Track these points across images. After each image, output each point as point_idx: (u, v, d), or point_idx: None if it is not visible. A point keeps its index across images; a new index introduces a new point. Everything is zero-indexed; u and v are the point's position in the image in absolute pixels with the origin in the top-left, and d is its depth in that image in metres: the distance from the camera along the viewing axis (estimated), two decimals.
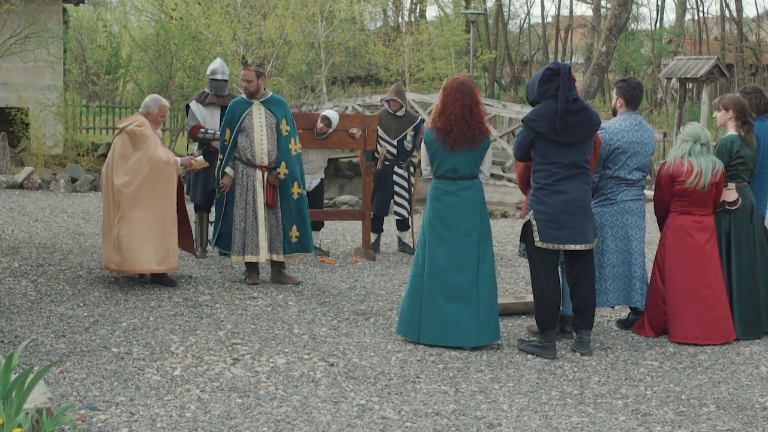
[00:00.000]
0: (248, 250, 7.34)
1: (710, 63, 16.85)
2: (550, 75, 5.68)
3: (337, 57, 30.76)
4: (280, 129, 7.42)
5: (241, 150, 7.36)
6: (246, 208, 7.34)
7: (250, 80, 7.35)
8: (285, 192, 7.43)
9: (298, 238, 7.47)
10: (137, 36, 22.38)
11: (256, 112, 7.39)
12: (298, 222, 7.47)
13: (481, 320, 5.81)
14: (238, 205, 7.34)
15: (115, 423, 4.32)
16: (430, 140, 5.86)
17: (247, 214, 7.34)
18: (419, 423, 4.50)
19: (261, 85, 7.41)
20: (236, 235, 7.34)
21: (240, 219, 7.34)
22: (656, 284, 6.28)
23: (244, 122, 7.36)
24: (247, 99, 7.42)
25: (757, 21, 38.39)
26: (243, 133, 7.36)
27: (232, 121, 7.38)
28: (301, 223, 7.49)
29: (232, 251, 7.39)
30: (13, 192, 13.11)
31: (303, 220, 7.50)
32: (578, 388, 5.15)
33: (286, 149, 7.44)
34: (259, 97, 7.41)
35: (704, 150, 6.13)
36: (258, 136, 7.36)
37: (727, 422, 4.67)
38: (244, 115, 7.36)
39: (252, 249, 7.33)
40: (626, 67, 34.74)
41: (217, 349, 5.62)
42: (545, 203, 5.67)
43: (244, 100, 7.45)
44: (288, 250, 7.47)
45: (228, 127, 7.40)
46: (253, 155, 7.34)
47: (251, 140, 7.37)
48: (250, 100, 7.41)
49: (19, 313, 6.23)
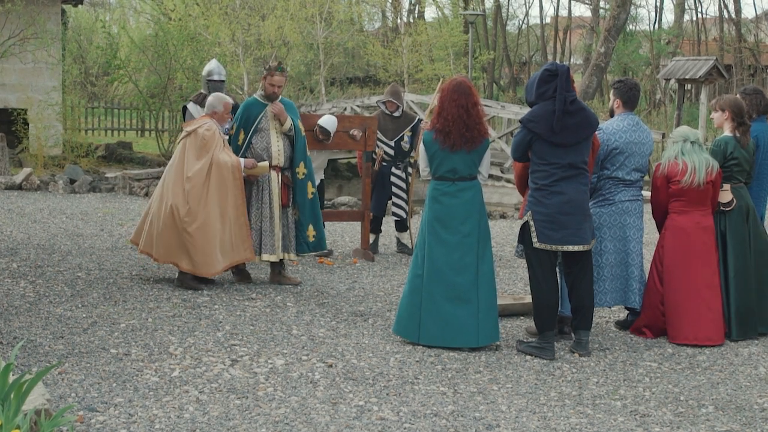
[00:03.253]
0: (265, 249, 7.42)
1: (709, 64, 16.86)
2: (548, 76, 5.68)
3: (335, 58, 30.76)
4: (298, 129, 7.52)
5: (257, 151, 7.41)
6: (262, 207, 7.42)
7: (281, 86, 7.47)
8: (303, 192, 7.53)
9: (315, 237, 7.60)
10: (136, 37, 22.40)
11: (271, 114, 7.45)
12: (313, 221, 7.60)
13: (481, 321, 5.81)
14: (254, 205, 7.42)
15: (114, 424, 4.32)
16: (429, 141, 5.87)
17: (263, 213, 7.42)
18: (418, 424, 4.50)
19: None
20: (252, 234, 7.38)
21: (256, 219, 7.42)
22: (654, 285, 6.28)
23: (260, 124, 7.41)
24: (263, 101, 7.47)
25: (755, 22, 38.45)
26: (259, 135, 7.42)
27: (248, 123, 7.42)
28: (316, 222, 7.62)
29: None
30: (11, 193, 13.10)
31: (317, 219, 7.64)
32: (577, 389, 5.15)
33: (305, 149, 7.57)
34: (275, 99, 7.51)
35: (695, 147, 6.17)
36: (274, 137, 7.44)
37: (725, 423, 4.68)
38: (260, 117, 7.41)
39: (269, 248, 7.42)
40: (625, 68, 34.77)
41: (216, 350, 5.62)
42: (543, 204, 5.67)
43: (259, 101, 7.48)
44: (305, 249, 7.61)
45: (243, 128, 7.43)
46: (270, 156, 7.41)
47: (268, 141, 7.43)
48: (266, 102, 7.45)
49: (18, 315, 6.23)
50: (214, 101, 7.36)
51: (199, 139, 7.13)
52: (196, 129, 7.19)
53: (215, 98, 7.40)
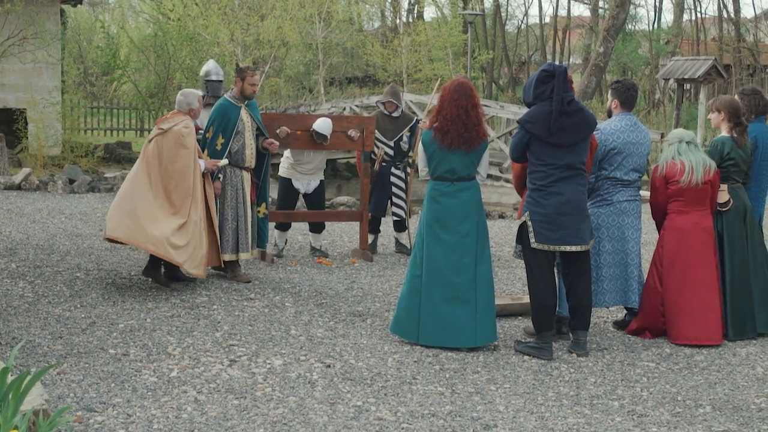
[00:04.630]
0: (242, 248, 7.57)
1: (708, 64, 16.86)
2: (545, 77, 5.69)
3: (334, 58, 30.78)
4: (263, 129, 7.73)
5: (234, 154, 7.46)
6: (238, 207, 7.53)
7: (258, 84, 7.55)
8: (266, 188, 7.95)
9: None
10: (135, 37, 22.39)
11: (244, 115, 7.53)
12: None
13: (479, 321, 5.82)
14: (231, 205, 7.50)
15: (112, 424, 4.33)
16: (428, 140, 5.88)
17: (239, 213, 7.54)
18: (415, 424, 4.51)
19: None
20: (229, 234, 7.48)
21: (233, 218, 7.51)
22: (654, 285, 6.29)
23: (239, 126, 7.48)
24: (236, 103, 7.50)
25: (754, 21, 38.47)
26: (236, 138, 7.48)
27: (228, 126, 7.44)
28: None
29: (224, 250, 7.47)
30: (10, 193, 13.09)
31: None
32: (574, 389, 5.16)
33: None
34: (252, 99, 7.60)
35: (692, 147, 6.20)
36: (249, 140, 7.54)
37: (722, 423, 4.69)
38: (237, 120, 7.47)
39: (245, 247, 7.58)
40: (624, 68, 34.78)
41: (214, 350, 5.63)
42: (541, 204, 5.68)
43: (233, 103, 7.51)
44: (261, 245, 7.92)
45: (222, 131, 7.44)
46: (244, 159, 7.52)
47: (243, 144, 7.52)
48: (239, 104, 7.49)
49: (17, 315, 6.23)
50: (190, 99, 7.26)
51: (178, 137, 7.08)
52: (172, 127, 7.11)
53: (190, 95, 7.30)
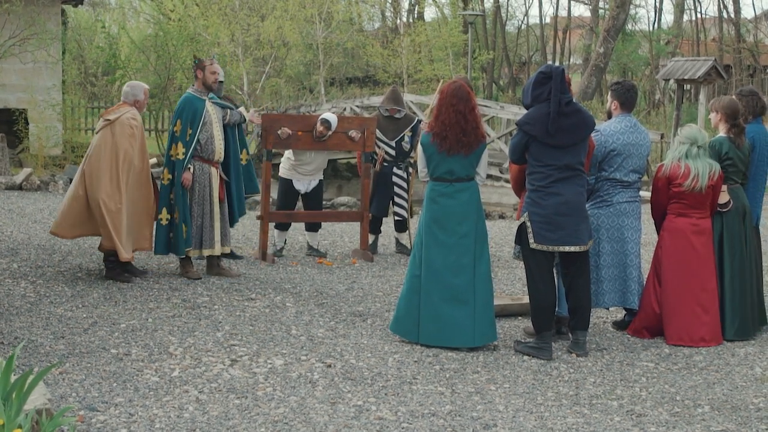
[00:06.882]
0: (206, 244, 7.61)
1: (708, 64, 16.87)
2: (543, 78, 5.71)
3: (335, 58, 30.74)
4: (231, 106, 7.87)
5: (203, 145, 7.49)
6: (203, 204, 7.55)
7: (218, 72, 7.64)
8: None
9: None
10: (136, 37, 22.38)
11: (210, 107, 7.57)
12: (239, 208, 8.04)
13: (478, 321, 5.85)
14: (197, 201, 7.54)
15: (114, 424, 4.35)
16: (427, 143, 5.91)
17: (204, 210, 7.56)
18: (416, 424, 4.54)
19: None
20: (194, 230, 7.54)
21: (198, 215, 7.55)
22: (653, 286, 6.31)
23: (206, 118, 7.50)
24: (200, 96, 7.55)
25: (754, 22, 38.45)
26: (203, 130, 7.49)
27: (194, 118, 7.45)
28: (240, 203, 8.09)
29: (188, 244, 7.54)
30: (11, 193, 13.11)
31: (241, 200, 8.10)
32: (574, 389, 5.19)
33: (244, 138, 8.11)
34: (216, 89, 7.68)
35: (701, 152, 6.15)
36: (216, 132, 7.56)
37: (721, 423, 4.71)
38: (204, 111, 7.50)
39: (209, 243, 7.61)
40: (624, 68, 34.77)
41: (216, 350, 5.65)
42: (540, 205, 5.71)
43: (197, 97, 7.55)
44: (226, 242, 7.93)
45: (190, 124, 7.45)
46: (212, 152, 7.53)
47: (211, 135, 7.52)
48: (203, 97, 7.55)
49: (18, 315, 6.26)
50: (136, 90, 7.40)
51: (126, 128, 7.17)
52: (120, 117, 7.21)
53: (136, 87, 7.45)
